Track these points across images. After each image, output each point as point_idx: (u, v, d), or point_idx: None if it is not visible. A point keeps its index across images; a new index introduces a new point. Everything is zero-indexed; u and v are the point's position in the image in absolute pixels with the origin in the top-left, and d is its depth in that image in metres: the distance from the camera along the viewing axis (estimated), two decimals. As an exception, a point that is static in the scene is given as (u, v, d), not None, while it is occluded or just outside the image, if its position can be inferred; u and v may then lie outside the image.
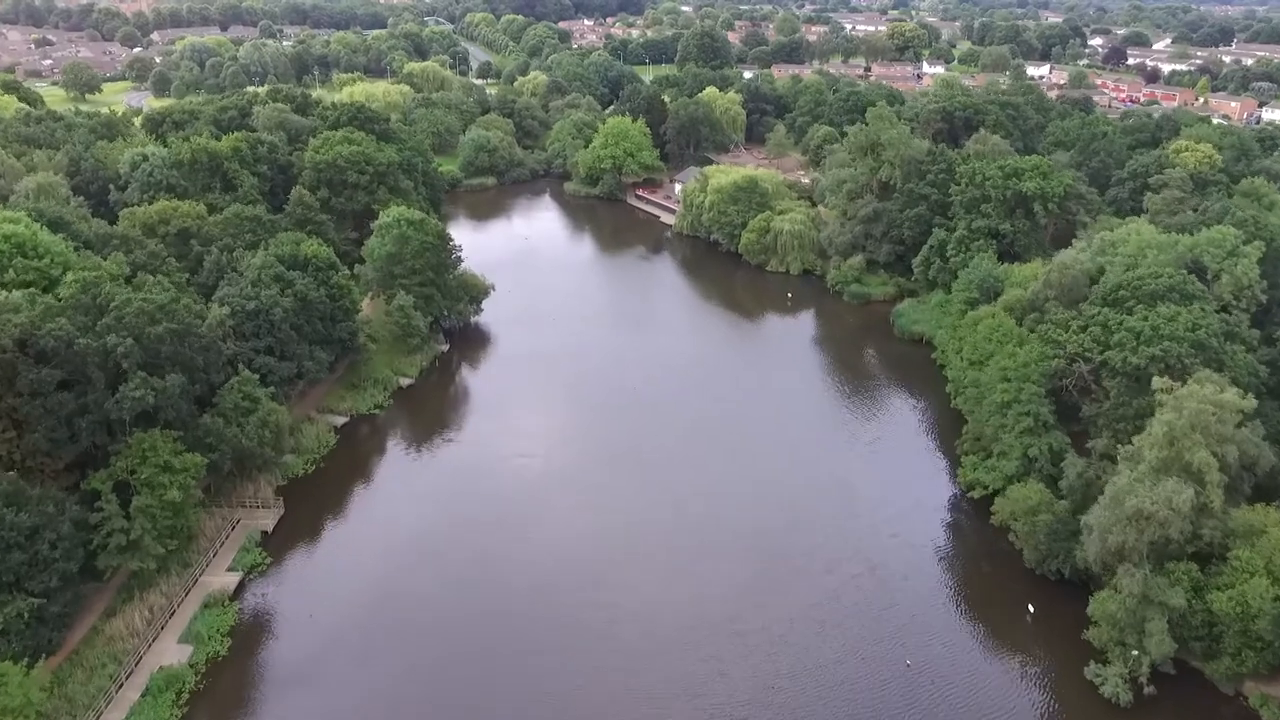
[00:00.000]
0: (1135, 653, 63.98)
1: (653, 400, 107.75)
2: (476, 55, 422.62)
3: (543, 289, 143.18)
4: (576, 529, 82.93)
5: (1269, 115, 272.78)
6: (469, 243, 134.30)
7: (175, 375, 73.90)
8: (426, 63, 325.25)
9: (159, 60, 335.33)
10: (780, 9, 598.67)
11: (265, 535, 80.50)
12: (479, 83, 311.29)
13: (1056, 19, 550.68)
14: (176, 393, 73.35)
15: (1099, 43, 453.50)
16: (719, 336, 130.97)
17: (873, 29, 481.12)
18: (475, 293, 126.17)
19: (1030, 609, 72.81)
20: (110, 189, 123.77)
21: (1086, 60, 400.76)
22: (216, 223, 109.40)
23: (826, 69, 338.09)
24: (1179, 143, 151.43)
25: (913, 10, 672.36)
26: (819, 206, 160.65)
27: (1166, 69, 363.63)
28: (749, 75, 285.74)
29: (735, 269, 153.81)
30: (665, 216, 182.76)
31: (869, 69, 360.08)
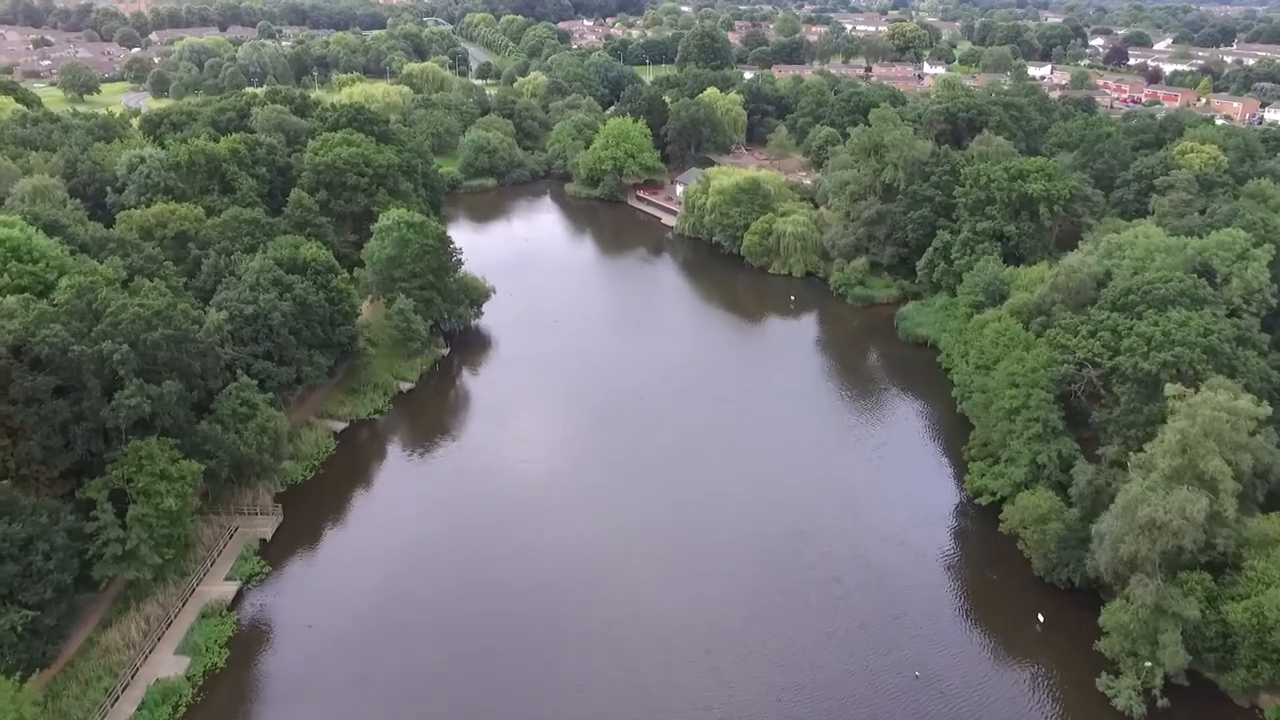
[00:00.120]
0: (1148, 664, 62.95)
1: (655, 404, 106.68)
2: (476, 56, 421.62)
3: (544, 291, 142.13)
4: (579, 535, 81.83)
5: (1271, 116, 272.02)
6: (469, 245, 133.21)
7: (172, 382, 72.79)
8: (426, 63, 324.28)
9: (157, 61, 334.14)
10: (780, 9, 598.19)
11: (264, 543, 79.37)
12: (478, 83, 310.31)
13: (1057, 19, 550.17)
14: (173, 400, 72.24)
15: (1100, 43, 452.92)
16: (721, 339, 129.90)
17: (873, 29, 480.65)
18: (476, 295, 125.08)
19: (1040, 618, 71.79)
20: (107, 191, 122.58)
21: (1087, 60, 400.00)
22: (214, 226, 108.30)
23: (827, 69, 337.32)
24: (1184, 144, 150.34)
25: (913, 10, 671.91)
26: (821, 208, 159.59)
27: (1168, 69, 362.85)
28: (749, 76, 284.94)
29: (737, 271, 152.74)
30: (666, 218, 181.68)
31: (869, 69, 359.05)
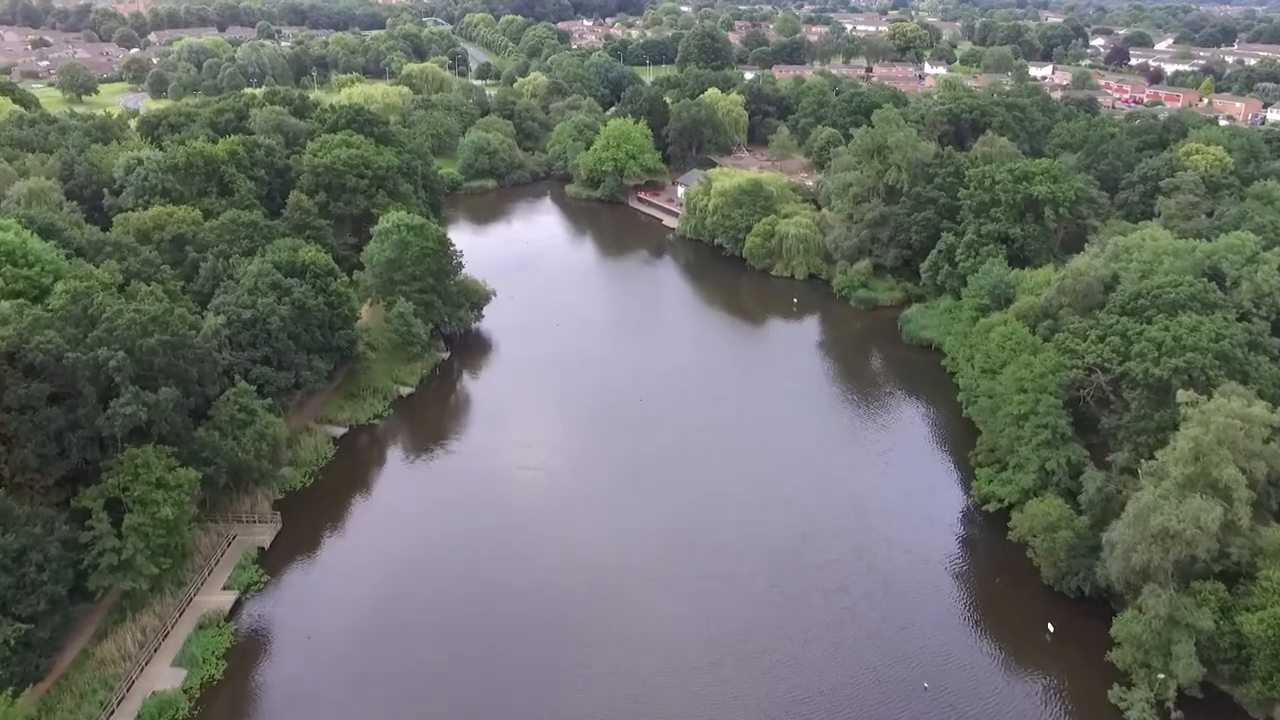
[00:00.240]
0: (1161, 676, 61.94)
1: (657, 408, 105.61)
2: (476, 56, 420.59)
3: (544, 294, 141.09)
4: (582, 543, 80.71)
5: (1274, 116, 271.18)
6: (469, 246, 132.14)
7: (169, 389, 71.68)
8: (425, 64, 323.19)
9: (156, 61, 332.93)
10: (780, 9, 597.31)
11: (262, 551, 78.27)
12: (478, 84, 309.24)
13: (1057, 19, 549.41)
14: (170, 407, 71.15)
15: (1101, 43, 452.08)
16: (724, 342, 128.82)
17: (873, 29, 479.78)
18: (476, 299, 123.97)
19: (1050, 628, 70.73)
20: (104, 193, 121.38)
21: (1088, 61, 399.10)
22: (212, 228, 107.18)
23: (828, 70, 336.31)
24: (1189, 145, 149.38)
25: (913, 10, 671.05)
26: (824, 210, 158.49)
27: (1169, 69, 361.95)
28: (750, 76, 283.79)
29: (739, 273, 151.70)
30: (668, 220, 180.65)
31: (870, 70, 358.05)
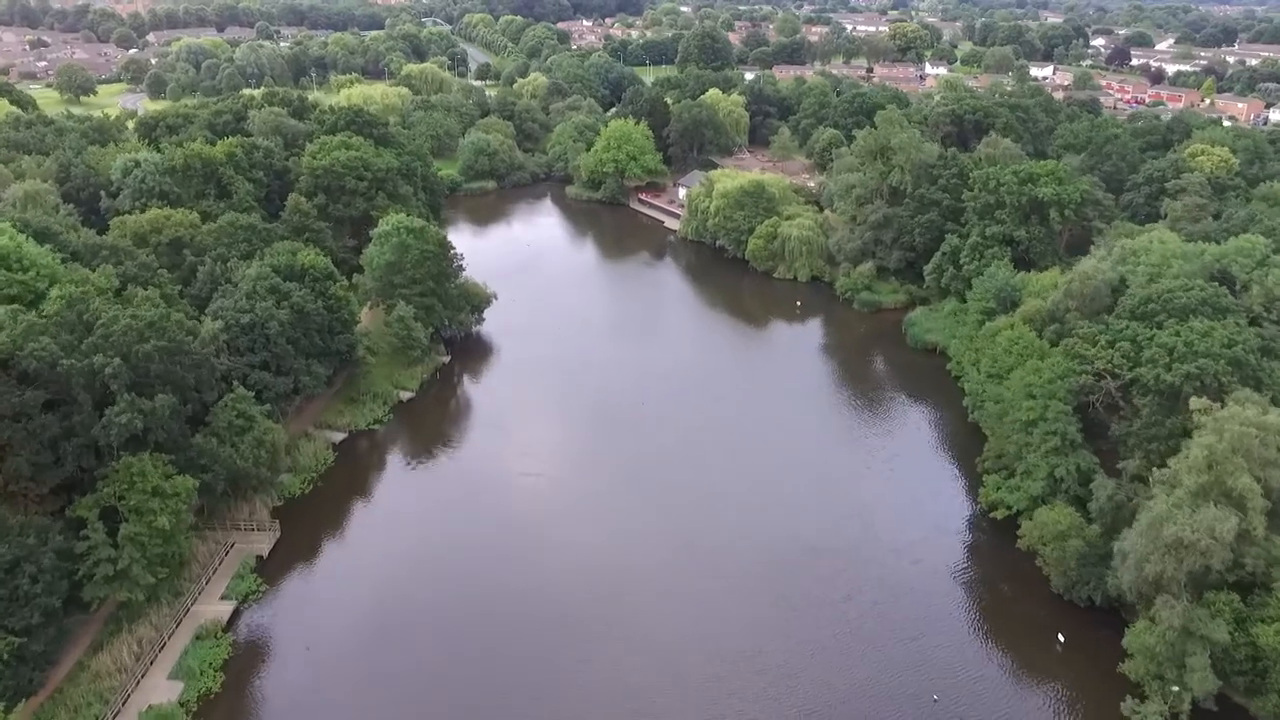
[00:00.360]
0: (1175, 688, 60.85)
1: (659, 413, 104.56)
2: (475, 56, 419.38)
3: (545, 297, 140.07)
4: (584, 551, 79.58)
5: (1276, 116, 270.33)
6: (469, 248, 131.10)
7: (165, 395, 70.55)
8: (425, 64, 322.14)
9: (154, 62, 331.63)
10: (780, 9, 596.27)
11: (260, 560, 77.12)
12: (478, 84, 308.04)
13: (1056, 19, 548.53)
14: (166, 414, 70.03)
15: (1101, 43, 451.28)
16: (727, 346, 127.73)
17: (873, 29, 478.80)
18: (477, 302, 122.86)
19: (1060, 638, 69.68)
20: (101, 196, 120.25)
21: (1089, 61, 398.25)
22: (210, 232, 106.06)
23: (829, 70, 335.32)
24: (1194, 146, 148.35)
25: (913, 11, 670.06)
26: (826, 212, 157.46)
27: (1171, 70, 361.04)
28: (750, 77, 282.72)
29: (742, 276, 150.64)
30: (669, 221, 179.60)
31: (871, 70, 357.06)
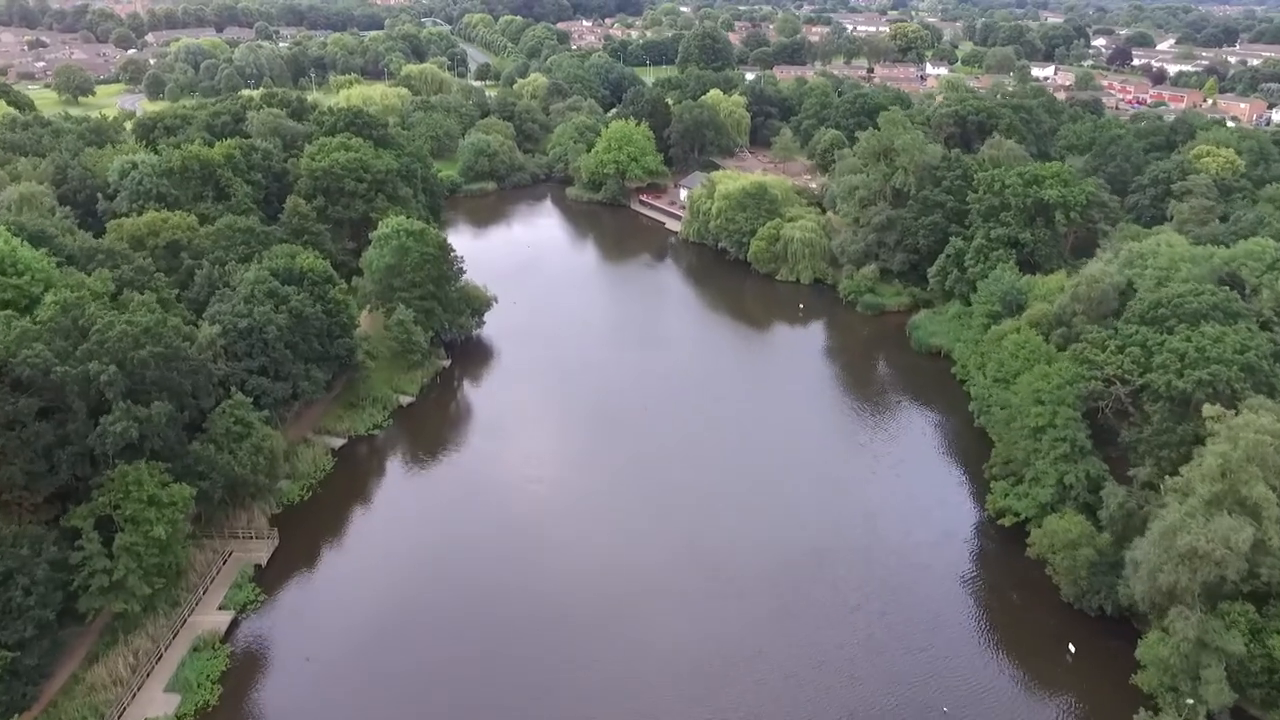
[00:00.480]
0: (1190, 701, 59.84)
1: (662, 418, 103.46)
2: (475, 57, 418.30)
3: (546, 299, 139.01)
4: (587, 560, 78.53)
5: (1279, 117, 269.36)
6: (469, 250, 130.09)
7: (161, 403, 69.39)
8: (424, 65, 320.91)
9: (153, 62, 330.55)
10: (780, 9, 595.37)
11: (259, 569, 76.00)
12: (477, 85, 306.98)
13: (1056, 19, 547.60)
14: (163, 421, 68.90)
15: (1102, 43, 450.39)
16: (730, 349, 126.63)
17: (873, 29, 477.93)
18: (477, 305, 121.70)
19: (1071, 649, 68.63)
20: (98, 198, 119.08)
21: (1091, 61, 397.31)
22: (208, 235, 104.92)
23: (829, 70, 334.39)
24: (1199, 147, 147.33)
25: (912, 11, 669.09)
26: (829, 213, 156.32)
27: (1172, 70, 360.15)
28: (751, 77, 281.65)
29: (744, 278, 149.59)
30: (670, 223, 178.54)
31: (872, 70, 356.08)
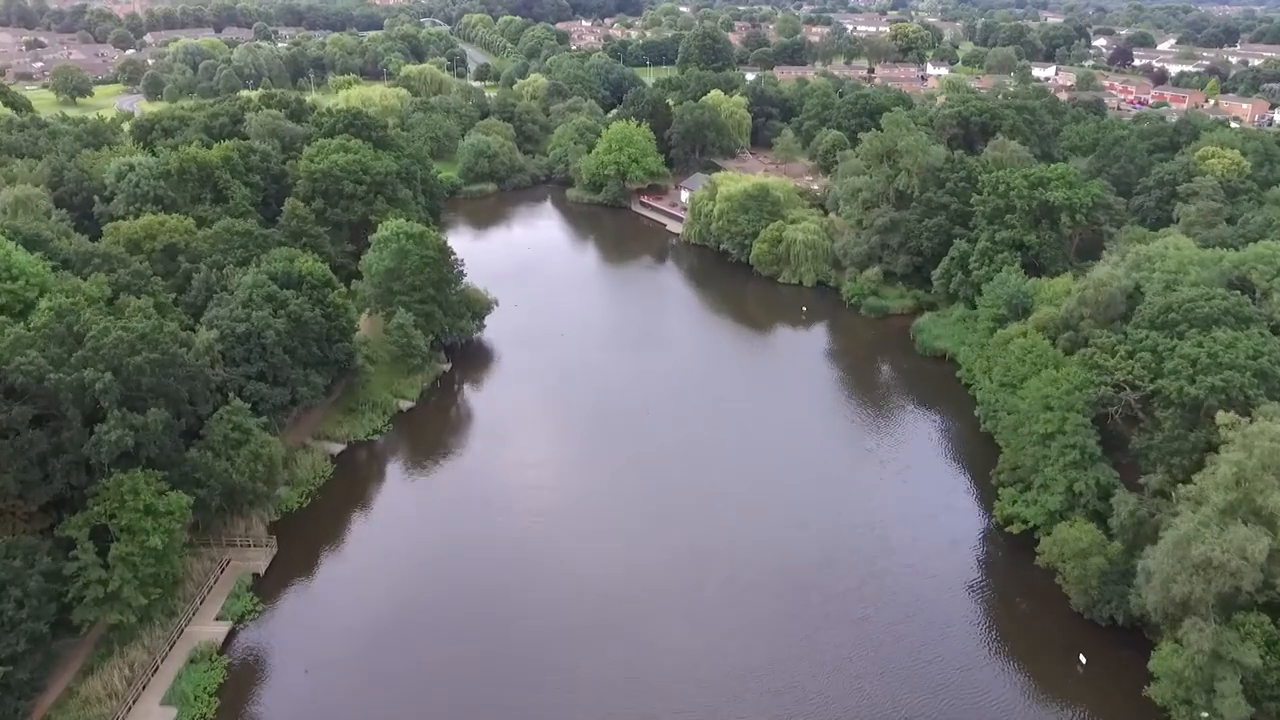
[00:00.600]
0: (1205, 714, 58.79)
1: (664, 420, 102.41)
2: (474, 57, 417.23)
3: (547, 302, 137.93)
4: (590, 570, 77.40)
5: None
6: (469, 252, 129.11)
7: (157, 410, 68.31)
8: (424, 65, 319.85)
9: (151, 63, 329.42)
10: (780, 10, 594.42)
11: (257, 578, 74.88)
12: (477, 85, 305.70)
13: (1056, 19, 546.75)
14: (159, 429, 67.80)
15: (1103, 43, 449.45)
16: (733, 352, 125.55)
17: (873, 29, 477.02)
18: (477, 308, 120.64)
19: (1082, 659, 67.58)
20: (95, 200, 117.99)
21: (1091, 61, 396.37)
22: (206, 238, 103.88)
23: (830, 71, 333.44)
24: (1204, 148, 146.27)
25: (912, 11, 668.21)
26: (832, 215, 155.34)
27: (1173, 70, 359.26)
28: (751, 77, 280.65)
29: (746, 280, 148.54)
30: (671, 224, 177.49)
31: (873, 71, 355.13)
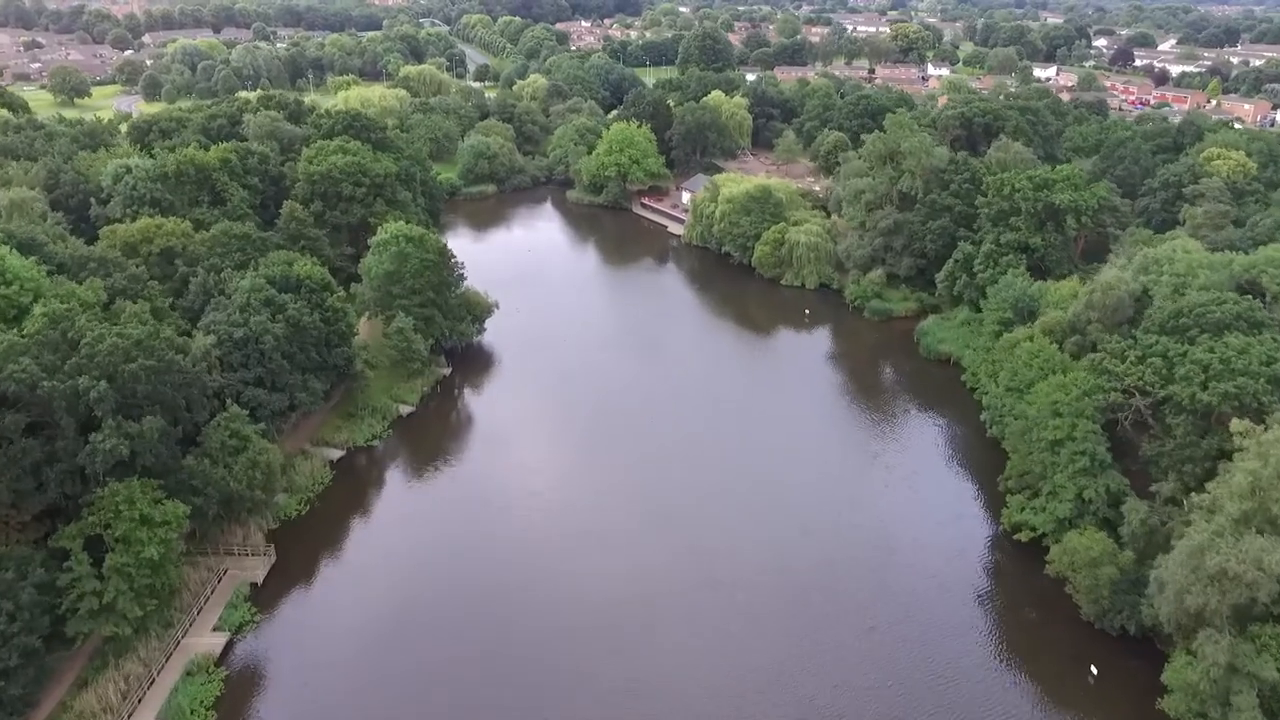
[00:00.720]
0: (1220, 728, 57.75)
1: (665, 425, 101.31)
2: (473, 57, 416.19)
3: (547, 305, 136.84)
4: (593, 572, 76.42)
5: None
6: (469, 255, 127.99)
7: (153, 418, 67.13)
8: (423, 65, 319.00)
9: (149, 63, 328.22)
10: (779, 10, 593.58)
11: (254, 587, 73.77)
12: (476, 86, 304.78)
13: (1056, 19, 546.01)
14: (155, 437, 66.63)
15: (1103, 44, 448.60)
16: (735, 356, 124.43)
17: (872, 30, 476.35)
18: (478, 311, 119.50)
19: (1093, 670, 66.53)
20: (92, 203, 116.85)
21: (1092, 62, 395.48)
22: (203, 241, 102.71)
23: (830, 71, 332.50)
24: (1209, 149, 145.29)
25: (912, 11, 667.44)
26: (834, 217, 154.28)
27: (1175, 70, 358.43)
28: (751, 78, 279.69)
29: (748, 282, 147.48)
30: (673, 226, 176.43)
31: (873, 71, 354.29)
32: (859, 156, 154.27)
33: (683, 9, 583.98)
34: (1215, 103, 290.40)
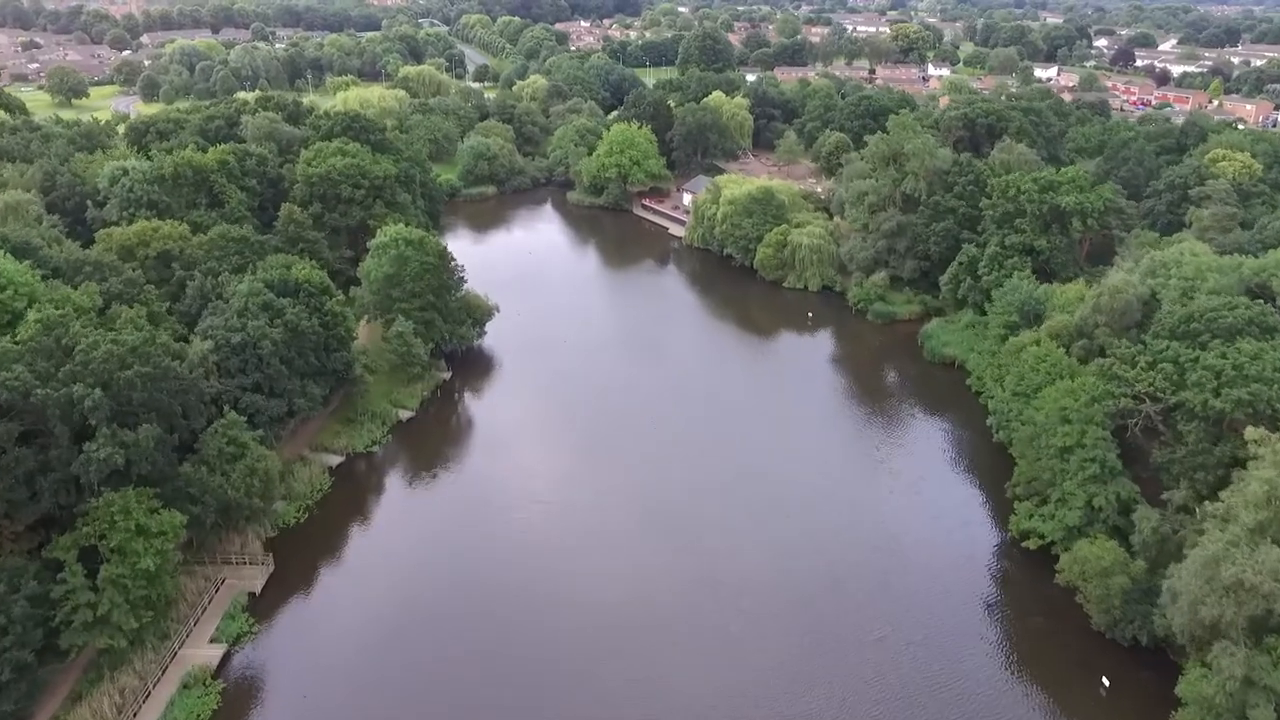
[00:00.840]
0: (1235, 743, 56.68)
1: (668, 430, 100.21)
2: (473, 58, 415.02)
3: (548, 307, 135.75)
4: (593, 580, 75.36)
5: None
6: (469, 257, 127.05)
7: (149, 426, 66.03)
8: (422, 66, 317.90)
9: (148, 64, 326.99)
10: (779, 10, 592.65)
11: (252, 597, 72.70)
12: (476, 86, 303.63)
13: (1056, 19, 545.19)
14: (150, 445, 65.52)
15: (1104, 44, 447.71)
16: (736, 358, 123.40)
17: (872, 30, 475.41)
18: (478, 314, 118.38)
19: (1105, 682, 65.48)
20: (88, 205, 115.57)
21: (1093, 62, 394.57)
22: (201, 244, 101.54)
23: (830, 71, 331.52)
24: (1214, 151, 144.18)
25: (912, 11, 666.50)
26: (837, 219, 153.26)
27: (1176, 70, 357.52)
28: (752, 78, 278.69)
29: (750, 284, 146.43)
30: (674, 228, 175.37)
31: (874, 71, 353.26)
32: (861, 158, 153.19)
33: (682, 9, 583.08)
34: (1217, 103, 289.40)
